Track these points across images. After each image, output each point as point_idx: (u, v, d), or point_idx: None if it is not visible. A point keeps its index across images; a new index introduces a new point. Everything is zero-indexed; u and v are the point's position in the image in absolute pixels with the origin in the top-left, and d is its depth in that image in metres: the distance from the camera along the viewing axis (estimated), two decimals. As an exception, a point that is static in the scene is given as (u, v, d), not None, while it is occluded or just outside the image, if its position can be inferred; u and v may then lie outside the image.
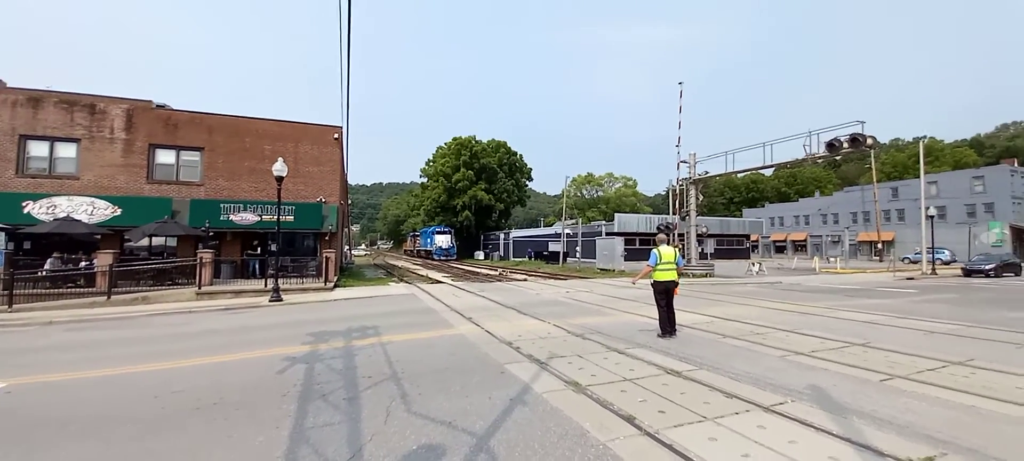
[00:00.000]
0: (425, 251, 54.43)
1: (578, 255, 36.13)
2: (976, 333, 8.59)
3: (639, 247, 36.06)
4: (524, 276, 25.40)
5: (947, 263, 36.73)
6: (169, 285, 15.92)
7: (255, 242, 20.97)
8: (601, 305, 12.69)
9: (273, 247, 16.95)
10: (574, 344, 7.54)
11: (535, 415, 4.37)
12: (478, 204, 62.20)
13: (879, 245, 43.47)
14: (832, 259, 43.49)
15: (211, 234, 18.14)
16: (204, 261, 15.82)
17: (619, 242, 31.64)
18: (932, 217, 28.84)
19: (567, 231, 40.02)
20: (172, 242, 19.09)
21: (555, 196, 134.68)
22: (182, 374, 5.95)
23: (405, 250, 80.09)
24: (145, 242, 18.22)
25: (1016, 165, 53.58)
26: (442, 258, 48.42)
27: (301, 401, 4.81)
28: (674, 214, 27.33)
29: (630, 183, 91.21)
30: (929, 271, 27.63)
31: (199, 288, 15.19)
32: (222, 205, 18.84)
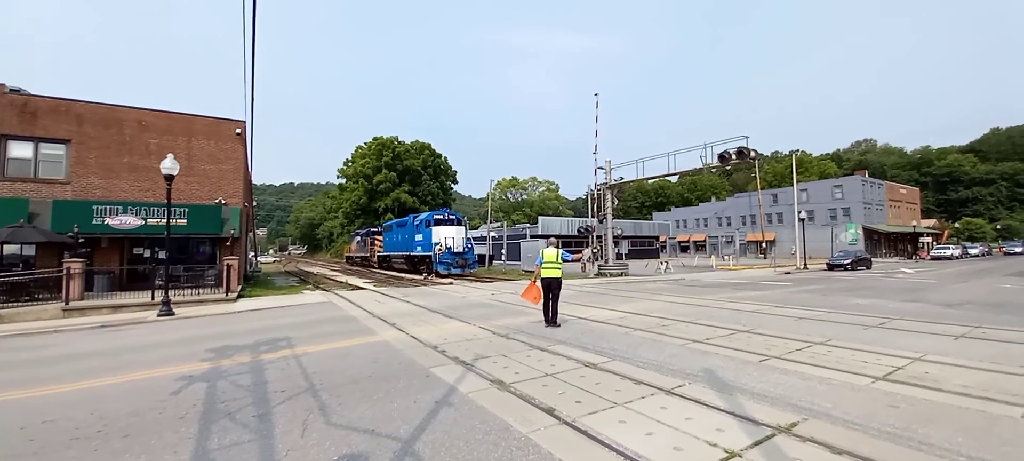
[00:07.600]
0: (413, 257, 28.54)
1: (504, 257, 36.67)
2: (834, 318, 10.21)
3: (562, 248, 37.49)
4: (450, 279, 25.18)
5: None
6: (27, 301, 13.44)
7: (138, 249, 18.46)
8: (526, 305, 13.03)
9: (162, 254, 15.03)
10: (499, 344, 7.72)
11: (460, 415, 4.45)
12: (401, 207, 60.43)
13: (763, 244, 49.56)
14: (726, 257, 48.78)
15: (81, 240, 15.62)
16: (72, 272, 13.59)
17: (543, 244, 32.63)
18: (803, 220, 33.71)
19: (493, 234, 40.42)
20: (30, 250, 16.15)
21: (480, 199, 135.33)
22: (53, 402, 5.13)
23: (348, 256, 50.28)
24: (-8, 251, 15.25)
25: (866, 176, 64.38)
26: (456, 272, 25.53)
27: (203, 422, 4.41)
28: (593, 217, 28.86)
29: (552, 187, 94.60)
30: (802, 266, 32.16)
31: (67, 303, 13.04)
32: (95, 207, 16.31)
